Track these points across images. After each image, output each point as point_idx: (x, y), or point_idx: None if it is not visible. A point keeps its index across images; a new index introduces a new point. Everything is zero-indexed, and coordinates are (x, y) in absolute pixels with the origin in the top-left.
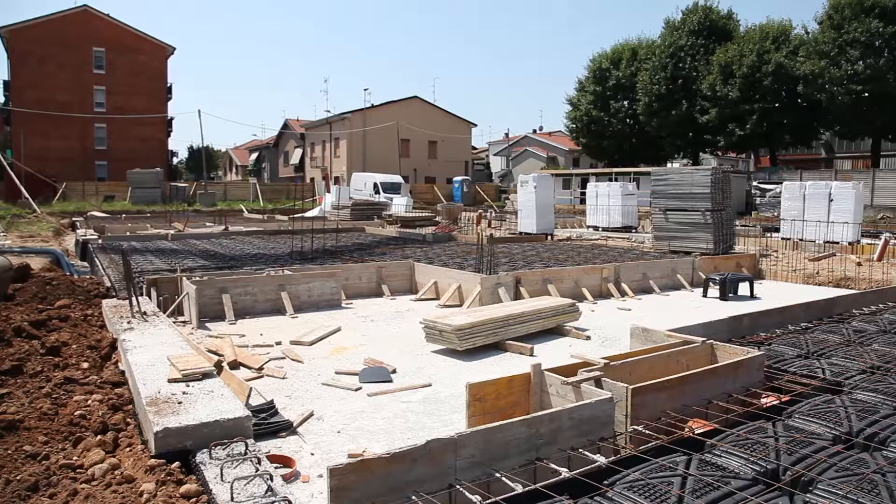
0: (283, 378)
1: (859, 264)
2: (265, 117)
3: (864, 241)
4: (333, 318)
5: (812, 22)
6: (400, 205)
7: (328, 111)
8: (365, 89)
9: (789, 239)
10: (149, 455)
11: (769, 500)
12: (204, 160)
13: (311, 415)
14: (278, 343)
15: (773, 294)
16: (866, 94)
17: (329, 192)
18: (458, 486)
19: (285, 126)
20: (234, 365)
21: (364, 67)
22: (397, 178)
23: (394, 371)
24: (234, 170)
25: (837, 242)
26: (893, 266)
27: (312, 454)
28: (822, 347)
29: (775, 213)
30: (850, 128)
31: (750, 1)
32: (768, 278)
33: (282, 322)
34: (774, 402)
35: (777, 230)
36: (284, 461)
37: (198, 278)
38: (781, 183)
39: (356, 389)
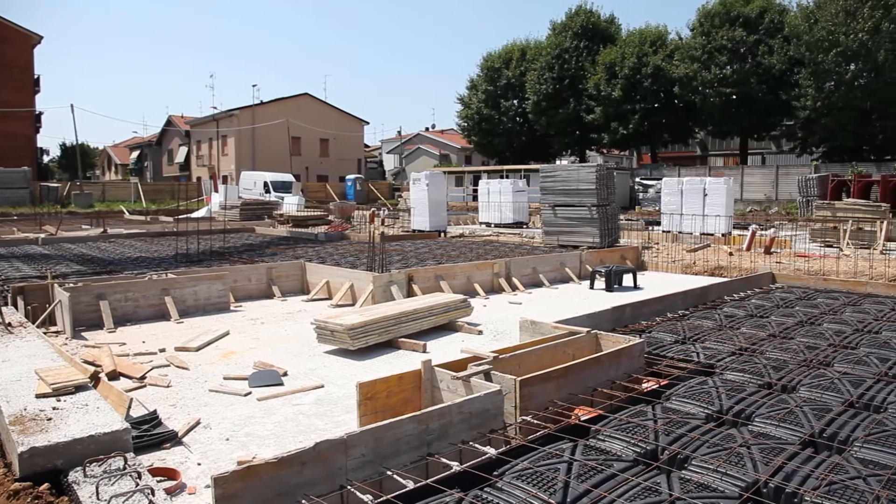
0: (168, 386)
1: (731, 254)
2: (147, 113)
3: (736, 232)
4: (222, 321)
5: (685, 28)
6: (291, 204)
7: (215, 107)
8: (253, 85)
9: (669, 231)
10: (12, 478)
11: (648, 479)
12: (79, 158)
13: (198, 423)
14: (162, 350)
15: (655, 284)
16: (734, 97)
17: (217, 191)
18: (349, 487)
19: (169, 123)
20: (113, 375)
21: (252, 63)
22: (288, 177)
23: (285, 374)
24: (113, 169)
25: (712, 234)
26: (760, 255)
27: (199, 464)
28: (697, 333)
29: (656, 208)
30: (720, 127)
31: (630, 6)
32: (650, 269)
33: (166, 328)
34: (654, 386)
35: (658, 224)
36: (169, 474)
37: (72, 284)
38: (662, 179)
39: (246, 394)
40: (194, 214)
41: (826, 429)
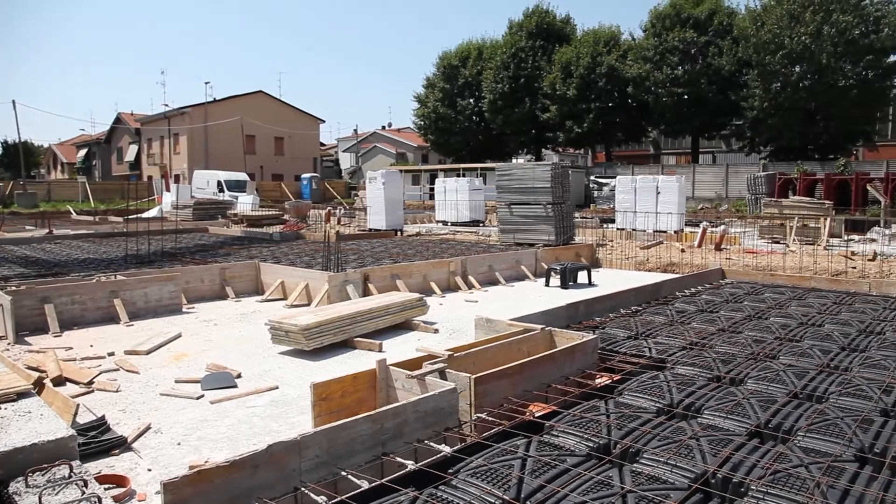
0: (117, 391)
1: (683, 251)
2: (95, 110)
3: (687, 229)
4: (173, 323)
5: (638, 29)
6: (245, 203)
7: (166, 105)
8: (206, 83)
9: (623, 229)
10: None
11: (601, 473)
12: (21, 157)
13: (149, 428)
14: (111, 354)
15: (609, 281)
16: (686, 97)
17: (168, 190)
18: (303, 489)
19: (118, 120)
20: (59, 381)
21: (205, 60)
22: (242, 176)
23: (238, 376)
24: (59, 168)
25: (665, 231)
26: (711, 252)
27: (150, 470)
28: (649, 328)
29: (611, 206)
30: (672, 127)
31: (584, 6)
32: (605, 266)
33: (116, 331)
34: (607, 382)
35: (613, 221)
36: (118, 481)
37: (14, 287)
38: (616, 177)
39: (198, 397)
40: (145, 214)
41: (771, 419)
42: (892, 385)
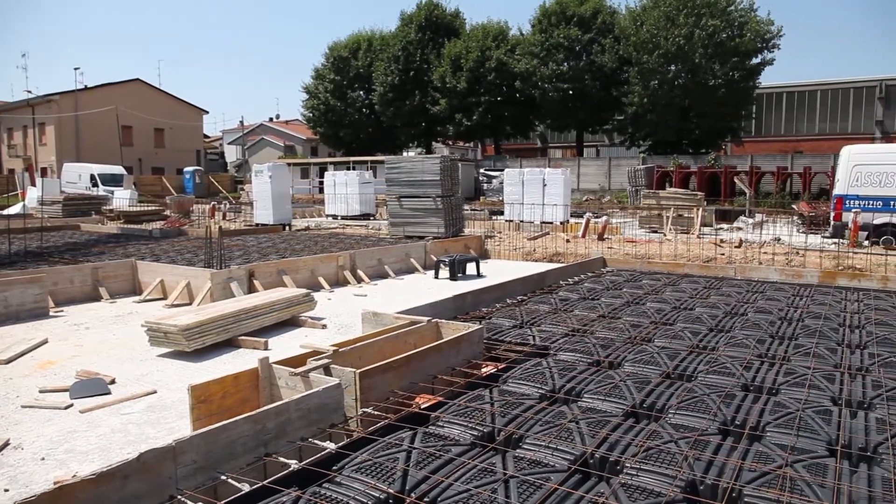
0: None
1: (568, 241)
2: None
3: (572, 220)
4: (39, 328)
5: (526, 24)
6: (122, 198)
7: (29, 91)
8: (76, 68)
9: (512, 221)
10: None
11: (485, 461)
12: None
13: (7, 443)
14: None
15: (497, 271)
16: (571, 92)
17: (34, 185)
18: (179, 496)
19: None
20: None
21: (73, 43)
22: (118, 169)
23: (112, 381)
24: None
25: (551, 222)
26: (594, 241)
27: (7, 490)
28: (534, 317)
29: (500, 198)
30: (558, 121)
31: (474, 1)
32: (493, 257)
33: None
34: (492, 371)
35: (501, 213)
36: None
37: None
38: (504, 170)
39: (66, 407)
40: (6, 211)
41: (646, 399)
42: (751, 362)
